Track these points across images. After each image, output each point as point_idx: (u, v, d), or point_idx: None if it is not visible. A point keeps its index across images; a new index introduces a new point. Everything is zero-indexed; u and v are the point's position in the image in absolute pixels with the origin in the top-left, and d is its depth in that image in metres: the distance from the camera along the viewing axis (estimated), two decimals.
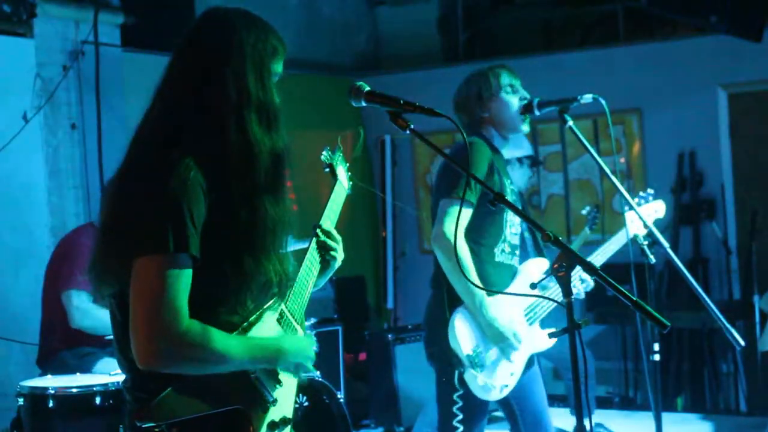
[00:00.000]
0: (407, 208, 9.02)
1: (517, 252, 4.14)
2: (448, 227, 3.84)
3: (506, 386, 3.97)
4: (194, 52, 2.50)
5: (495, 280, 3.99)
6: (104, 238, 2.45)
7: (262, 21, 2.56)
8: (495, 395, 3.94)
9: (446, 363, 3.90)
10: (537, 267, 4.13)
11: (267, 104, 2.49)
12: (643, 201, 4.40)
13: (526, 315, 4.01)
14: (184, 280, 2.33)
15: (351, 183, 3.11)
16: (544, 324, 4.09)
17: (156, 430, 2.36)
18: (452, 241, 3.80)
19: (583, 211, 6.71)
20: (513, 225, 4.08)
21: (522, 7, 9.62)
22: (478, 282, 3.83)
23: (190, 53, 2.50)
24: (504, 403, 4.08)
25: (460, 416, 3.91)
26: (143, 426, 2.36)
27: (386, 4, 9.88)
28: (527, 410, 4.10)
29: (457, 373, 3.87)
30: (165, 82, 2.52)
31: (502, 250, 4.04)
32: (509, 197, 4.02)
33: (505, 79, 4.11)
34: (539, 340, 4.05)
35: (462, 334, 3.85)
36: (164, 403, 2.36)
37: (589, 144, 3.90)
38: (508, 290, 4.02)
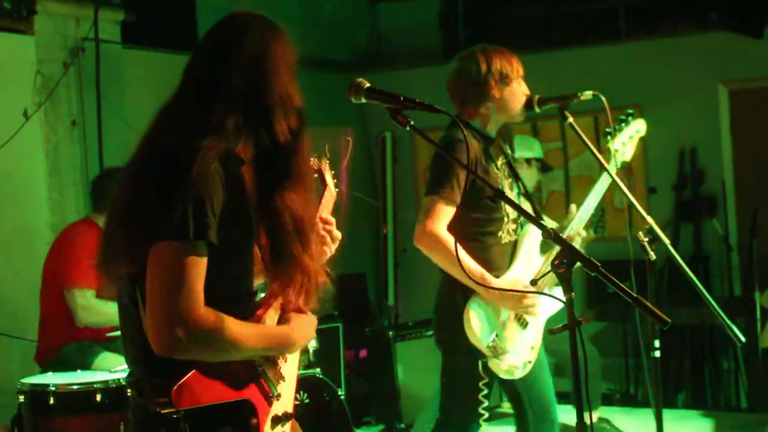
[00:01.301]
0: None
1: (521, 221, 4.14)
2: (429, 225, 3.84)
3: (529, 361, 3.99)
4: (225, 54, 2.56)
5: (503, 262, 4.01)
6: (124, 221, 2.46)
7: (281, 27, 2.65)
8: (519, 373, 3.99)
9: (469, 359, 3.91)
10: (536, 232, 4.12)
11: (295, 106, 2.58)
12: (623, 125, 4.35)
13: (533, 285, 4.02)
14: (201, 267, 2.37)
15: (338, 189, 3.11)
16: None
17: (174, 416, 2.38)
18: (434, 237, 3.81)
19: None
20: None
21: (522, 3, 9.61)
22: (475, 267, 3.83)
23: (219, 53, 2.57)
24: (511, 389, 4.09)
25: (486, 403, 3.93)
26: (162, 413, 2.38)
27: (387, 0, 9.87)
28: (535, 397, 4.10)
29: (480, 363, 3.88)
30: (193, 77, 2.57)
31: (508, 231, 4.04)
32: (498, 175, 4.02)
33: (521, 69, 4.12)
34: (551, 303, 4.05)
35: (478, 327, 3.85)
36: (185, 389, 2.39)
37: (588, 141, 3.90)
38: (517, 263, 4.04)
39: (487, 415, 3.97)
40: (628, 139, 4.29)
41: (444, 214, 3.84)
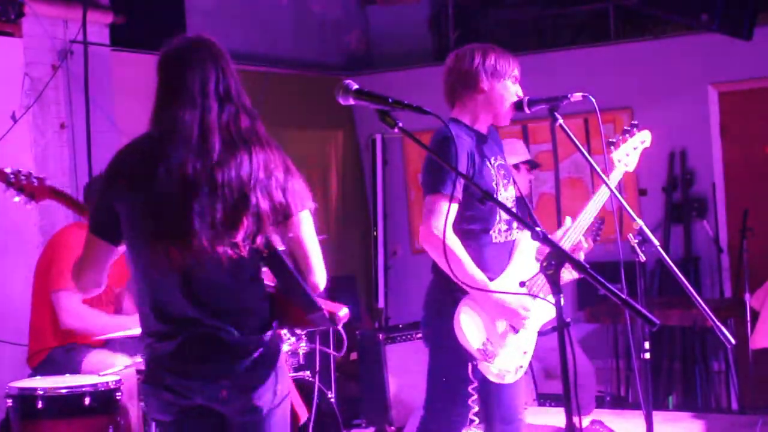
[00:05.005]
0: None
1: (514, 224, 4.09)
2: (435, 224, 3.82)
3: (522, 366, 3.96)
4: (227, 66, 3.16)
5: (495, 263, 3.98)
6: (277, 195, 3.02)
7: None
8: (511, 378, 3.95)
9: (457, 359, 3.89)
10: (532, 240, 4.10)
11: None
12: (627, 135, 4.35)
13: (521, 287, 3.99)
14: None
15: None
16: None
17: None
18: (441, 237, 3.78)
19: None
20: (506, 200, 4.05)
21: (512, 5, 9.62)
22: (476, 271, 3.82)
23: (226, 68, 3.14)
24: (480, 391, 4.06)
25: (476, 408, 3.90)
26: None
27: (377, 3, 9.87)
28: (503, 402, 4.06)
29: (470, 365, 3.86)
30: (206, 86, 3.08)
31: (499, 230, 4.02)
32: (492, 173, 3.99)
33: (517, 71, 4.09)
34: (542, 310, 4.02)
35: (470, 330, 3.83)
36: None
37: (578, 142, 3.90)
38: (510, 267, 4.02)
39: (477, 420, 3.95)
40: (632, 150, 4.30)
41: (447, 211, 3.83)
